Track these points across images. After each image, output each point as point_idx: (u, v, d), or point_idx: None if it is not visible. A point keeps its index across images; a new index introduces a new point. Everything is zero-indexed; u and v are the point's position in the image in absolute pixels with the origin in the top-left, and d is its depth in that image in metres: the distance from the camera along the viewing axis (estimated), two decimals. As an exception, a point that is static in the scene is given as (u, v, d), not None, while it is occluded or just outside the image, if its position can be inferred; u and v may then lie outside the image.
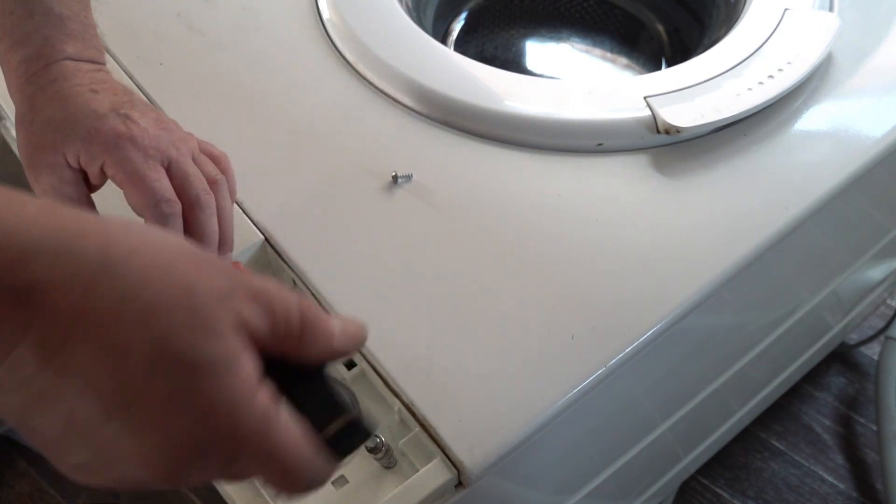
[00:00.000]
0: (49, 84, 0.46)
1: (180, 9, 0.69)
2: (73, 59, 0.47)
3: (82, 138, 0.45)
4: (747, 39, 0.63)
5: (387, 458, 0.47)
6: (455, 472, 0.45)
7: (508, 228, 0.55)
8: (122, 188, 0.46)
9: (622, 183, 0.57)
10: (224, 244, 0.49)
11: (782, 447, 1.11)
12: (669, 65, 0.81)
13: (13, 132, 0.64)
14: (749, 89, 0.59)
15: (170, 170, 0.46)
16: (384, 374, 0.49)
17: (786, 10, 0.64)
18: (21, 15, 0.46)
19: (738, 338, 0.74)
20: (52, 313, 0.26)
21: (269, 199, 0.56)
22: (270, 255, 0.55)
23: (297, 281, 0.53)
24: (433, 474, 0.45)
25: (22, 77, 0.46)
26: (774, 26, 0.63)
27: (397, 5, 0.68)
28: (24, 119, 0.46)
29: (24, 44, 0.46)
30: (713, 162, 0.58)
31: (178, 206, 0.46)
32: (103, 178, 0.47)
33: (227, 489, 0.44)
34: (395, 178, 0.57)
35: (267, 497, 0.45)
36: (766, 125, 0.60)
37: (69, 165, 0.46)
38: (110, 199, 0.50)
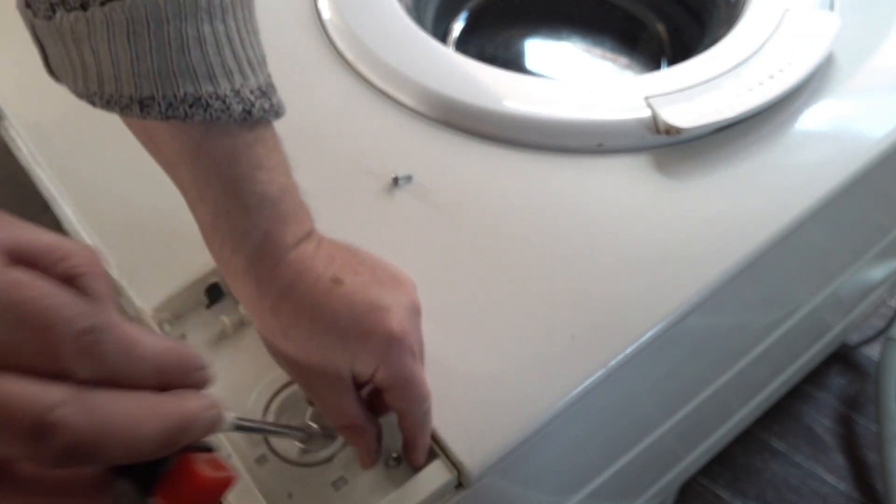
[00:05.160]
0: (288, 290, 0.41)
1: (180, 9, 0.69)
2: (296, 247, 0.42)
3: (352, 350, 0.41)
4: (747, 39, 0.63)
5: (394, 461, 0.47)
6: (455, 472, 0.45)
7: (508, 228, 0.55)
8: (387, 390, 0.43)
9: (622, 183, 0.57)
10: None
11: (783, 448, 1.11)
12: (670, 65, 0.81)
13: (12, 132, 0.64)
14: (749, 90, 0.59)
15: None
16: (384, 375, 0.48)
17: (786, 10, 0.64)
18: (236, 213, 0.40)
19: (739, 338, 0.74)
20: None
21: (268, 199, 0.56)
22: (270, 256, 0.54)
23: (297, 281, 0.53)
24: (433, 475, 0.45)
25: (252, 284, 0.41)
26: (775, 26, 0.63)
27: (397, 5, 0.68)
28: (275, 332, 0.42)
29: (245, 244, 0.41)
30: (714, 162, 0.58)
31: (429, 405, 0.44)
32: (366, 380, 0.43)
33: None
34: (395, 180, 0.57)
35: (263, 499, 0.45)
36: (767, 125, 0.60)
37: (342, 377, 0.42)
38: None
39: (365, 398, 0.45)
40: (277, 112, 0.42)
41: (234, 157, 0.40)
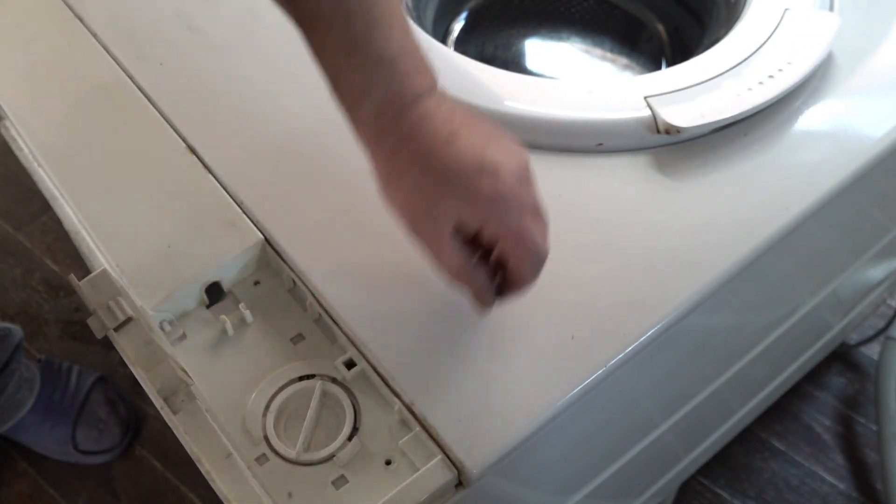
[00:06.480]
0: (405, 140, 0.44)
1: (180, 9, 0.69)
2: (416, 102, 0.44)
3: (457, 207, 0.44)
4: (747, 39, 0.63)
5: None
6: (455, 472, 0.45)
7: (508, 228, 0.55)
8: (496, 246, 0.46)
9: (622, 183, 0.57)
10: None
11: (782, 447, 1.11)
12: (670, 65, 0.81)
13: (13, 132, 0.64)
14: (749, 89, 0.59)
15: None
16: (384, 374, 0.49)
17: (786, 10, 0.64)
18: (354, 73, 0.44)
19: (739, 338, 0.74)
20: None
21: (269, 199, 0.56)
22: (270, 255, 0.55)
23: (297, 281, 0.53)
24: (433, 474, 0.45)
25: (372, 132, 0.45)
26: (774, 26, 0.63)
27: (397, 5, 0.68)
28: (388, 177, 0.46)
29: (365, 99, 0.44)
30: (713, 162, 0.58)
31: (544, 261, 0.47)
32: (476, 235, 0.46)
33: (224, 491, 0.44)
34: (395, 178, 0.57)
35: (263, 498, 0.45)
36: (767, 125, 0.60)
37: (445, 229, 0.45)
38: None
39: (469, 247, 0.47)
40: None
41: (350, 16, 0.43)
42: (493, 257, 0.47)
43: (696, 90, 0.59)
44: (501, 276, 0.48)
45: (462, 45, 0.86)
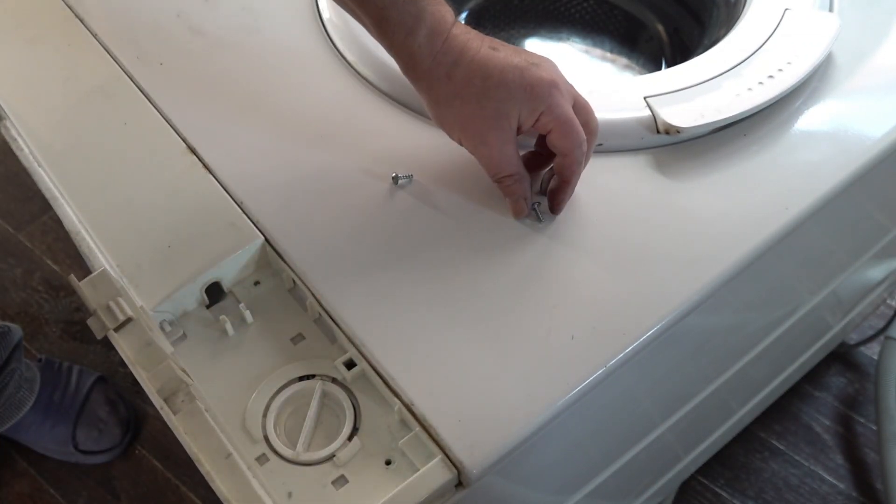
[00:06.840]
0: (459, 57, 0.50)
1: (180, 9, 0.69)
2: (454, 26, 0.50)
3: (520, 99, 0.50)
4: (747, 39, 0.63)
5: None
6: (455, 471, 0.45)
7: (508, 228, 0.55)
8: (547, 132, 0.51)
9: (622, 183, 0.57)
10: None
11: (782, 447, 1.11)
12: (669, 65, 0.81)
13: (13, 132, 0.64)
14: (749, 89, 0.59)
15: (575, 107, 0.52)
16: (384, 374, 0.49)
17: (786, 10, 0.64)
18: (409, 3, 0.49)
19: (739, 338, 0.74)
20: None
21: (269, 199, 0.57)
22: (270, 255, 0.55)
23: (297, 281, 0.53)
24: (433, 474, 0.45)
25: (428, 58, 0.50)
26: (774, 26, 0.63)
27: (397, 5, 0.68)
28: (449, 96, 0.51)
29: (419, 25, 0.49)
30: (713, 162, 0.58)
31: (586, 146, 0.53)
32: (528, 128, 0.52)
33: (224, 491, 0.44)
34: (395, 178, 0.57)
35: (263, 498, 0.45)
36: (766, 125, 0.60)
37: (510, 125, 0.51)
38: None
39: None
40: None
41: None
42: (545, 139, 0.52)
43: (695, 90, 0.59)
44: (546, 182, 0.55)
45: (462, 45, 0.86)
